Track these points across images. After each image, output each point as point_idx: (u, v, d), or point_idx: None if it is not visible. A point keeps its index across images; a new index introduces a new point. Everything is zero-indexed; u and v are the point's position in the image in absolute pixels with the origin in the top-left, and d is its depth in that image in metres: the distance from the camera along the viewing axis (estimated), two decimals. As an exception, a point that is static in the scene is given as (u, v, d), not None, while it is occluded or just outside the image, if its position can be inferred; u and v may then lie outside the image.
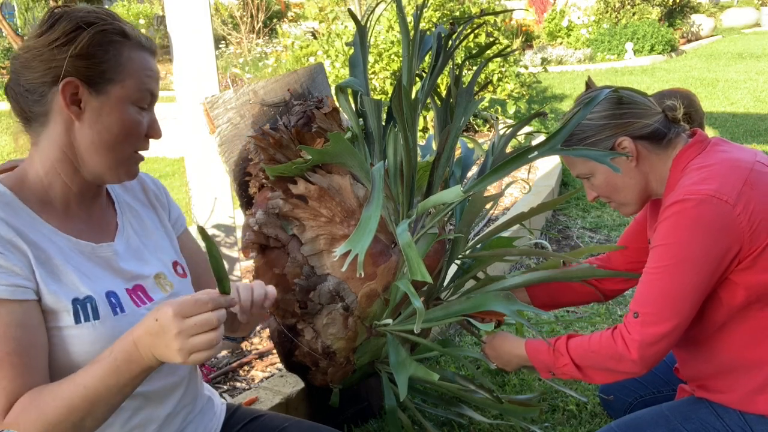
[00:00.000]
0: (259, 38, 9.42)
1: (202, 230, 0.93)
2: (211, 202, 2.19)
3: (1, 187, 1.01)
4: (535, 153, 1.42)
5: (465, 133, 5.31)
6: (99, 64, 1.00)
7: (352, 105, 1.69)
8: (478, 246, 1.82)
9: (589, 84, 1.49)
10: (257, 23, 9.33)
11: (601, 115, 1.38)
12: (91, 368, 0.92)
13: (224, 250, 2.26)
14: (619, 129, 1.37)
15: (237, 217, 2.39)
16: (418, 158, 1.76)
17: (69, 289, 0.99)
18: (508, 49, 6.19)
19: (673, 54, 11.45)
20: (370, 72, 5.07)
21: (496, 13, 1.83)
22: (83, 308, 0.99)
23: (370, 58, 5.12)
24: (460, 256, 1.73)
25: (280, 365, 2.08)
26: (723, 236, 1.22)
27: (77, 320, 0.98)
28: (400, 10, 1.60)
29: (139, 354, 0.90)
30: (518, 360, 1.53)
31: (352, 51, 1.72)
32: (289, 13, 11.59)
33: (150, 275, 1.11)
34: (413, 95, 1.56)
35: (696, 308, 1.27)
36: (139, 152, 1.08)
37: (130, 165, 1.08)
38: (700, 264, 1.23)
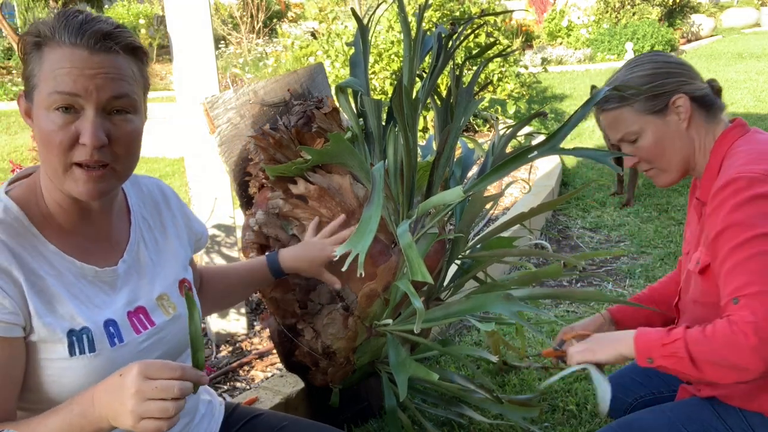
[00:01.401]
0: (259, 38, 9.42)
1: (188, 296, 0.90)
2: (211, 202, 2.19)
3: (10, 202, 0.98)
4: (535, 153, 1.42)
5: (465, 133, 5.31)
6: (26, 71, 0.95)
7: (352, 105, 1.69)
8: (478, 246, 1.82)
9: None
10: (257, 23, 9.33)
11: (655, 71, 1.34)
12: (50, 417, 0.89)
13: (224, 250, 2.26)
14: (676, 85, 1.33)
15: (237, 217, 2.39)
16: (418, 158, 1.76)
17: (64, 321, 0.95)
18: (508, 49, 6.19)
19: (673, 54, 11.44)
20: (370, 72, 5.06)
21: (496, 14, 1.83)
22: (79, 340, 0.96)
23: (370, 58, 5.12)
24: (460, 256, 1.73)
25: (280, 365, 2.08)
26: None
27: (72, 352, 0.95)
28: (402, 10, 1.60)
29: (94, 412, 0.86)
30: (616, 344, 1.31)
31: (352, 51, 1.72)
32: (289, 13, 11.59)
33: (152, 297, 1.08)
34: (414, 95, 1.56)
35: None
36: (85, 166, 0.93)
37: (72, 180, 0.94)
38: None
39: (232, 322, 2.33)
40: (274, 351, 2.15)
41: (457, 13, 5.66)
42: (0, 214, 0.95)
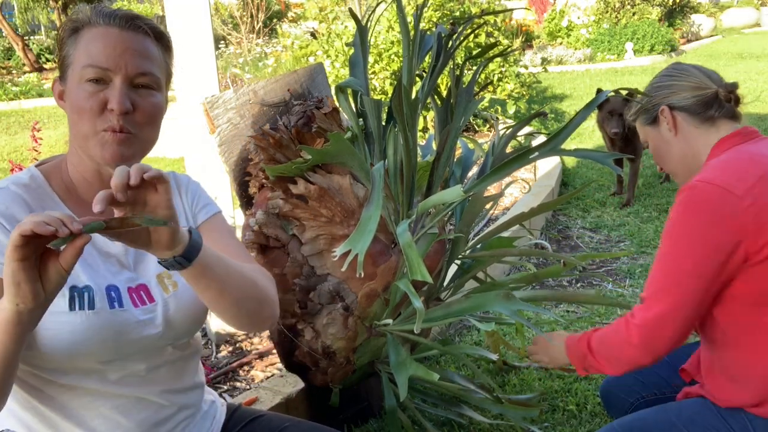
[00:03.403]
0: (259, 38, 9.42)
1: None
2: (211, 202, 2.19)
3: (36, 171, 1.08)
4: (536, 153, 1.42)
5: (465, 133, 5.31)
6: (61, 53, 1.05)
7: (352, 105, 1.69)
8: (478, 246, 1.82)
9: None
10: (257, 23, 9.33)
11: (650, 86, 1.50)
12: None
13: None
14: (662, 98, 1.46)
15: (237, 217, 2.39)
16: (418, 158, 1.77)
17: (70, 277, 0.97)
18: (508, 49, 6.19)
19: (673, 54, 11.46)
20: (370, 72, 5.07)
21: (496, 13, 1.83)
22: (80, 296, 1.00)
23: (370, 58, 5.12)
24: (460, 256, 1.73)
25: (280, 365, 2.08)
26: (723, 226, 1.22)
27: (71, 307, 0.99)
28: (401, 10, 1.60)
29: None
30: (562, 353, 1.53)
31: (352, 51, 1.72)
32: (289, 13, 11.60)
33: (153, 275, 1.11)
34: (413, 95, 1.56)
35: (699, 295, 1.25)
36: (111, 131, 1.01)
37: (100, 143, 1.02)
38: (696, 249, 1.24)
39: (232, 322, 2.33)
40: (274, 351, 2.15)
41: (457, 13, 5.66)
42: (26, 180, 1.05)
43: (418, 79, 1.70)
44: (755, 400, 1.29)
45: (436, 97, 1.70)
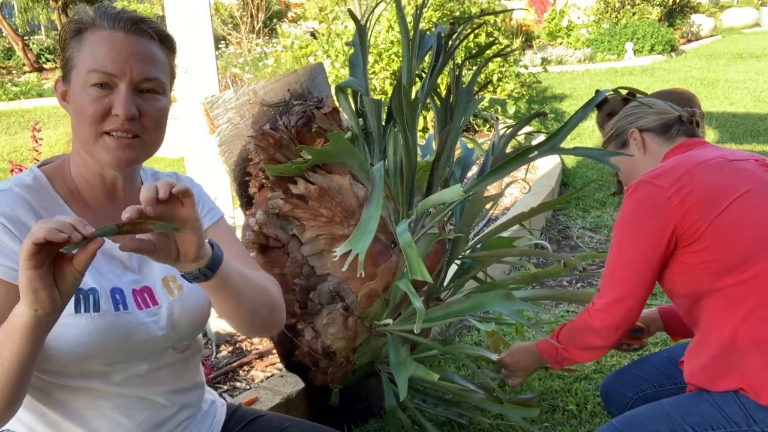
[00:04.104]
0: (259, 38, 9.42)
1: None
2: (211, 202, 2.19)
3: (39, 172, 1.07)
4: (535, 153, 1.42)
5: (465, 133, 5.31)
6: (65, 54, 1.04)
7: (352, 105, 1.69)
8: (478, 246, 1.82)
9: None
10: (257, 23, 9.33)
11: (617, 117, 1.66)
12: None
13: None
14: (629, 124, 1.62)
15: (237, 217, 2.39)
16: (418, 158, 1.77)
17: None
18: (508, 49, 6.19)
19: (673, 54, 11.46)
20: (370, 72, 5.07)
21: (496, 13, 1.83)
22: (85, 299, 1.00)
23: (370, 58, 5.12)
24: (460, 256, 1.73)
25: (280, 365, 2.08)
26: (654, 215, 1.39)
27: (77, 309, 0.99)
28: (400, 10, 1.60)
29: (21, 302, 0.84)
30: (534, 358, 1.67)
31: (352, 51, 1.72)
32: (289, 13, 11.60)
33: (158, 278, 1.11)
34: (413, 95, 1.56)
35: (646, 279, 1.43)
36: (114, 134, 1.00)
37: (103, 148, 1.01)
38: (636, 239, 1.42)
39: (232, 322, 2.33)
40: (274, 351, 2.15)
41: (457, 13, 5.66)
42: (29, 181, 1.04)
43: (418, 79, 1.70)
44: (709, 375, 1.36)
45: (435, 97, 1.70)
